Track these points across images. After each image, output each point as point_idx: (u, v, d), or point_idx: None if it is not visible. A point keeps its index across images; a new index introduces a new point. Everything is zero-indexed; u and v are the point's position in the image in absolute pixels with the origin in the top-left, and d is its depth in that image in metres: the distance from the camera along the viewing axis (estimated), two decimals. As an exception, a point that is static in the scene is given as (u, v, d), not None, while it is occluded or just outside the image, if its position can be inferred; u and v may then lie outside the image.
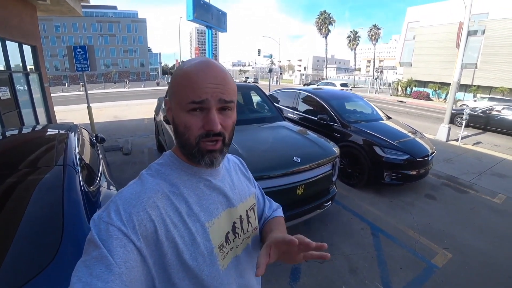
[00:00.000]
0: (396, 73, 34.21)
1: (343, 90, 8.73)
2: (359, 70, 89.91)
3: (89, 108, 6.47)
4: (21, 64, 6.32)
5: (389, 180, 3.91)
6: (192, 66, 0.55)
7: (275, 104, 4.36)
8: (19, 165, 1.63)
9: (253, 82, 26.37)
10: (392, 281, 2.32)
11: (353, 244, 2.81)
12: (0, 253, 1.03)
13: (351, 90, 17.70)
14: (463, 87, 18.56)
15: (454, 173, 4.99)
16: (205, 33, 8.47)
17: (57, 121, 7.98)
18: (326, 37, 46.23)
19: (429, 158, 4.11)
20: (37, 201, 1.32)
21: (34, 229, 1.15)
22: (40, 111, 7.05)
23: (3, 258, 1.01)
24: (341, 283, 2.28)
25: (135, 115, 10.40)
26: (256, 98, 4.39)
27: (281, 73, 54.65)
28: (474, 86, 18.62)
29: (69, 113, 10.85)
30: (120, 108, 12.53)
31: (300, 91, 5.69)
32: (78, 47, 5.81)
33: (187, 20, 7.02)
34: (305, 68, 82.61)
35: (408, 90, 24.13)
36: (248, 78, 45.99)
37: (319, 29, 45.84)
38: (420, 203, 3.79)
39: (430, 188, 4.30)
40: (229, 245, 0.64)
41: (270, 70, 21.87)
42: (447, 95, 16.87)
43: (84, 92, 6.62)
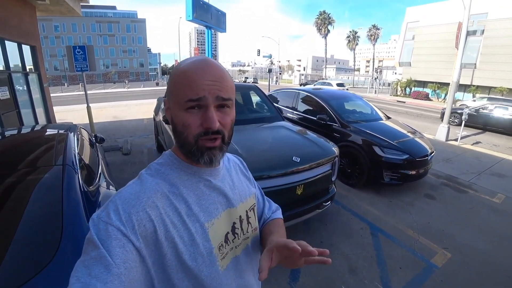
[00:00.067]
0: (396, 73, 34.21)
1: (343, 90, 8.75)
2: (359, 70, 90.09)
3: (89, 108, 6.46)
4: (20, 64, 6.31)
5: (389, 180, 3.91)
6: (189, 65, 0.55)
7: (275, 104, 4.37)
8: (19, 165, 1.63)
9: (253, 82, 26.34)
10: (392, 281, 2.33)
11: (353, 244, 2.81)
12: (0, 253, 1.03)
13: (347, 90, 17.82)
14: (462, 87, 18.60)
15: (454, 173, 4.99)
16: (205, 33, 8.46)
17: (57, 121, 7.97)
18: (326, 37, 46.33)
19: (429, 158, 4.12)
20: (37, 201, 1.31)
21: (34, 229, 1.15)
22: (40, 111, 7.04)
23: (3, 258, 1.01)
24: (341, 283, 2.28)
25: (135, 115, 10.39)
26: (256, 98, 4.39)
27: (281, 73, 54.64)
28: (473, 86, 18.66)
29: (69, 113, 10.84)
30: (120, 108, 12.52)
31: (300, 91, 5.69)
32: (78, 47, 5.82)
33: (187, 20, 7.02)
34: (305, 68, 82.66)
35: (408, 90, 24.15)
36: (248, 78, 45.96)
37: (319, 29, 45.93)
38: (420, 203, 3.80)
39: (430, 188, 4.31)
40: (229, 246, 0.64)
41: (270, 70, 21.93)
42: (446, 95, 16.91)
43: (84, 92, 6.62)
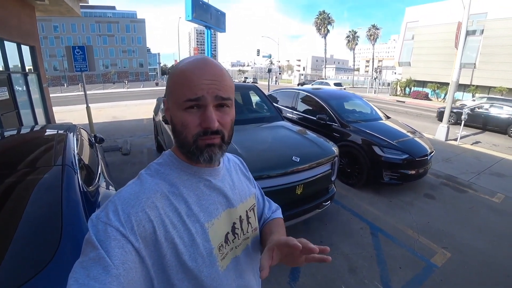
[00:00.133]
0: (395, 73, 34.24)
1: (342, 90, 8.78)
2: (358, 70, 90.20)
3: (88, 109, 6.46)
4: (20, 65, 6.30)
5: (388, 180, 3.91)
6: (188, 64, 0.55)
7: (274, 104, 4.37)
8: (18, 165, 1.62)
9: (252, 82, 26.42)
10: (392, 280, 2.33)
11: (353, 244, 2.81)
12: (0, 253, 1.03)
13: (345, 89, 17.95)
14: (462, 87, 18.61)
15: (453, 173, 5.00)
16: (204, 33, 8.45)
17: (56, 122, 7.96)
18: (325, 37, 46.36)
19: (428, 158, 4.12)
20: (36, 201, 1.31)
21: (33, 229, 1.15)
22: (39, 112, 7.04)
23: (2, 258, 1.01)
24: (341, 283, 2.28)
25: (134, 116, 10.38)
26: (255, 98, 4.39)
27: (280, 73, 54.60)
28: (473, 86, 18.67)
29: (68, 114, 10.83)
30: (119, 109, 12.52)
31: (299, 91, 5.69)
32: (77, 48, 5.81)
33: (186, 20, 6.99)
34: (304, 68, 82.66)
35: (407, 90, 24.16)
36: (247, 78, 45.99)
37: (318, 29, 45.95)
38: (419, 203, 3.80)
39: (429, 188, 4.31)
40: (229, 246, 0.64)
41: (269, 70, 21.98)
42: (446, 95, 16.94)
43: (83, 93, 6.61)
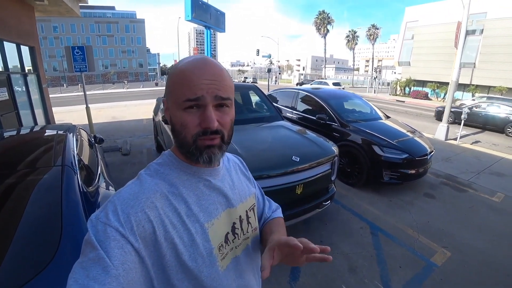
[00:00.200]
0: (395, 73, 34.20)
1: (341, 89, 8.81)
2: (358, 70, 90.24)
3: (88, 109, 6.45)
4: (19, 65, 6.30)
5: (388, 179, 3.91)
6: (188, 64, 0.55)
7: (274, 104, 4.37)
8: (18, 166, 1.62)
9: (252, 82, 26.49)
10: (392, 280, 2.33)
11: (353, 243, 2.81)
12: (0, 254, 1.03)
13: (343, 89, 18.07)
14: (462, 87, 18.62)
15: (453, 172, 5.00)
16: (204, 33, 8.44)
17: (56, 122, 7.96)
18: (325, 37, 46.40)
19: (428, 157, 4.12)
20: (36, 202, 1.31)
21: (33, 230, 1.15)
22: (39, 112, 7.04)
23: (2, 259, 1.01)
24: (341, 282, 2.28)
25: (134, 116, 10.37)
26: (255, 98, 4.39)
27: (280, 73, 54.63)
28: (473, 86, 18.68)
29: (68, 114, 10.82)
30: (119, 109, 12.51)
31: (299, 91, 5.69)
32: (76, 48, 5.80)
33: (186, 21, 6.97)
34: (304, 68, 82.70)
35: (407, 90, 24.17)
36: (247, 78, 46.02)
37: (318, 29, 45.99)
38: (419, 202, 3.80)
39: (429, 187, 4.31)
40: (229, 246, 0.64)
41: (269, 70, 22.00)
42: (446, 95, 16.93)
43: (83, 93, 6.60)
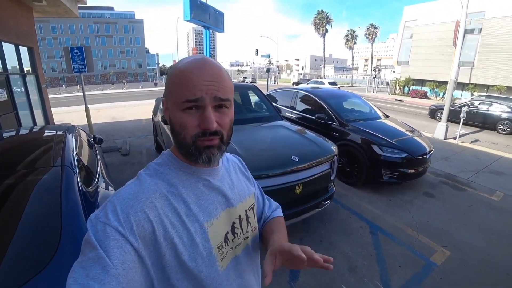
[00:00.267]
0: (394, 72, 34.20)
1: (340, 89, 8.84)
2: (357, 69, 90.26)
3: (87, 109, 6.44)
4: (18, 66, 6.28)
5: (388, 179, 3.92)
6: (187, 64, 0.55)
7: (273, 104, 4.37)
8: (17, 166, 1.62)
9: (251, 82, 26.55)
10: (391, 279, 2.33)
11: (352, 243, 2.82)
12: (-1, 255, 1.03)
13: (339, 88, 18.23)
14: (461, 86, 18.63)
15: (452, 171, 5.01)
16: (203, 34, 8.44)
17: (55, 123, 7.95)
18: (324, 37, 46.35)
19: (427, 156, 4.13)
20: (35, 202, 1.31)
21: (33, 230, 1.15)
22: (38, 113, 7.01)
23: (2, 259, 1.01)
24: (341, 282, 2.28)
25: (133, 116, 10.36)
26: (254, 98, 4.39)
27: (279, 73, 54.59)
28: (472, 84, 18.70)
29: (67, 115, 10.80)
30: (118, 109, 12.49)
31: (298, 91, 5.69)
32: (75, 48, 5.80)
33: (185, 21, 6.97)
34: (303, 68, 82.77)
35: (406, 89, 24.17)
36: (246, 78, 45.98)
37: (317, 29, 45.94)
38: (419, 201, 3.81)
39: (428, 186, 4.32)
40: (228, 246, 0.64)
41: (268, 70, 22.01)
42: (445, 94, 16.96)
43: (82, 94, 6.60)
